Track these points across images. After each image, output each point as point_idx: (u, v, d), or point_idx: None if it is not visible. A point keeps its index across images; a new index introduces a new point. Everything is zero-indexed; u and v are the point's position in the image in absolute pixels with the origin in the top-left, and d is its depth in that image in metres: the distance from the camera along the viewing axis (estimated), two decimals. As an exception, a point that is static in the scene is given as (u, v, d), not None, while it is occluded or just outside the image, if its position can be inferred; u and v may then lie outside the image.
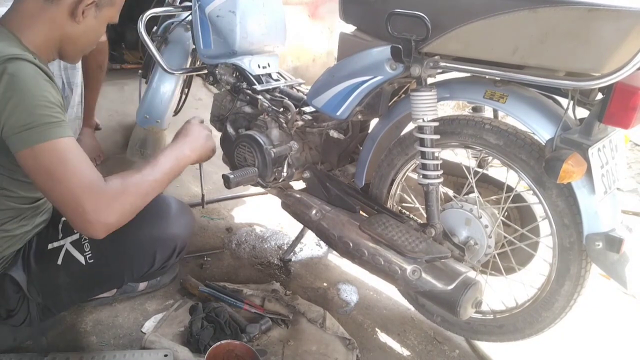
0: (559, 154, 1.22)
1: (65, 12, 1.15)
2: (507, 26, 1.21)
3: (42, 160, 1.04)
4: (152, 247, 1.35)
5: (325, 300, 1.80)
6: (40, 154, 1.04)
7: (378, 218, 1.50)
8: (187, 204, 1.50)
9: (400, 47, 1.33)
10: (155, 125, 2.39)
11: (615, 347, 1.73)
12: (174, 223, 1.39)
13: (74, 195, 1.05)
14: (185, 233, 1.42)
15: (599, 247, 1.26)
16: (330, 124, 1.70)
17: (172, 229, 1.38)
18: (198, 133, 1.38)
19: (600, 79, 1.09)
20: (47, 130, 1.04)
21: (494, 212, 1.50)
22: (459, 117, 1.46)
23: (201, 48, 1.86)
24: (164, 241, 1.37)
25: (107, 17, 1.24)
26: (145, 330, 1.52)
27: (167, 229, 1.37)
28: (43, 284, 1.30)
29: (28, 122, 1.03)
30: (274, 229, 2.21)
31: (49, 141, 1.04)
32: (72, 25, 1.18)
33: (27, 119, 1.03)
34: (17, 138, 1.04)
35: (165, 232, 1.37)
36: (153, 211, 1.25)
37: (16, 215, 1.25)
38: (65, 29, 1.18)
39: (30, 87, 1.05)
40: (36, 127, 1.04)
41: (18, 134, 1.03)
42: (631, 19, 1.07)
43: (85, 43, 1.25)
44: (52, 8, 1.14)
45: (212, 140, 1.42)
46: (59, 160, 1.05)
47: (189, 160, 1.32)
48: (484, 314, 1.57)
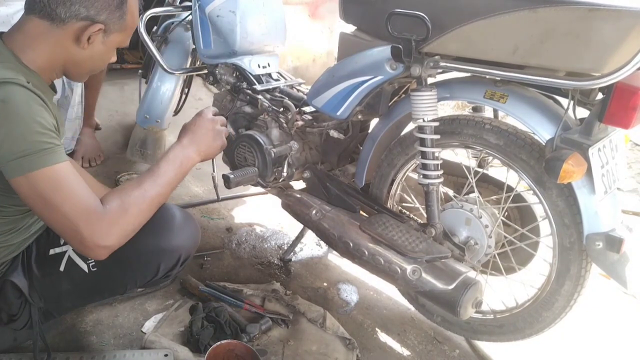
0: (559, 153, 1.22)
1: (71, 36, 1.12)
2: (507, 26, 1.21)
3: (37, 187, 1.03)
4: (157, 258, 1.34)
5: (326, 300, 1.80)
6: (35, 181, 1.03)
7: (378, 218, 1.50)
8: (190, 214, 1.48)
9: (400, 47, 1.33)
10: (155, 125, 2.39)
11: (615, 347, 1.73)
12: (179, 234, 1.38)
13: (71, 222, 1.04)
14: (189, 244, 1.42)
15: (599, 247, 1.26)
16: (331, 123, 1.70)
17: (177, 240, 1.37)
18: (206, 131, 1.35)
19: (601, 78, 1.09)
20: (41, 157, 1.03)
21: (494, 212, 1.50)
22: (459, 117, 1.46)
23: (201, 48, 1.86)
24: (168, 252, 1.36)
25: (116, 42, 1.20)
26: (146, 330, 1.52)
27: (172, 241, 1.36)
28: (45, 290, 1.30)
29: (22, 149, 1.01)
30: (274, 228, 2.21)
31: (43, 168, 1.03)
32: (77, 50, 1.15)
33: (21, 147, 1.01)
34: (11, 165, 1.02)
35: (170, 243, 1.36)
36: (157, 222, 1.24)
37: (13, 227, 1.24)
38: (70, 53, 1.15)
39: (22, 113, 1.02)
40: (30, 155, 1.02)
41: (12, 162, 1.02)
42: (631, 18, 1.07)
43: (90, 67, 1.22)
44: (57, 31, 1.11)
45: (221, 139, 1.39)
46: (54, 187, 1.04)
47: (193, 163, 1.30)
48: (484, 313, 1.57)
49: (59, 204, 1.04)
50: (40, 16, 1.10)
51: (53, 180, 1.04)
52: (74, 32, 1.12)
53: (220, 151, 1.40)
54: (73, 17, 1.10)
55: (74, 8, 1.09)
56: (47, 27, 1.11)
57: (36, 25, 1.11)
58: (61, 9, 1.09)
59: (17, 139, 1.01)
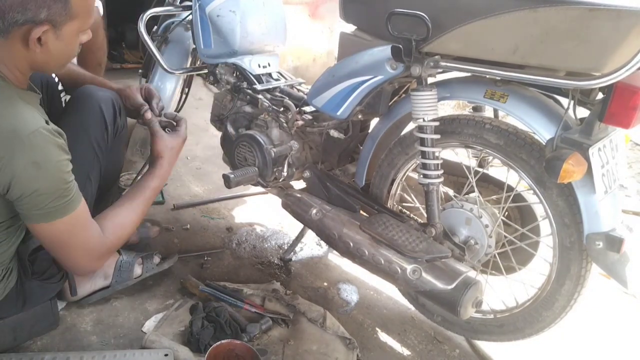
0: (559, 153, 1.22)
1: (20, 44, 1.09)
2: (507, 26, 1.21)
3: (55, 233, 1.18)
4: (96, 102, 1.45)
5: (326, 299, 1.80)
6: (54, 228, 1.16)
7: (378, 218, 1.50)
8: None
9: (400, 47, 1.33)
10: (155, 124, 2.39)
11: (615, 347, 1.73)
12: None
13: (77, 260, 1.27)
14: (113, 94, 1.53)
15: (600, 247, 1.26)
16: (331, 123, 1.70)
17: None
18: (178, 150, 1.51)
19: (601, 78, 1.09)
20: (65, 207, 1.15)
21: (494, 212, 1.50)
22: (459, 116, 1.46)
23: (201, 48, 1.86)
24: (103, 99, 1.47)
25: (74, 30, 1.14)
26: (146, 330, 1.52)
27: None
28: None
29: (46, 204, 1.12)
30: (274, 228, 2.21)
31: (65, 217, 1.16)
32: (33, 54, 1.11)
33: (48, 202, 1.12)
34: (36, 214, 1.14)
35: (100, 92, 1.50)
36: None
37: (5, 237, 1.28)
38: (28, 58, 1.12)
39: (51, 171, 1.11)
40: (55, 208, 1.14)
41: (37, 211, 1.13)
42: (631, 18, 1.07)
43: (58, 62, 1.20)
44: (7, 43, 1.08)
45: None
46: (70, 233, 1.20)
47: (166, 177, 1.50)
48: (484, 313, 1.57)
49: (72, 247, 1.23)
50: None
51: (70, 227, 1.19)
52: (20, 40, 1.08)
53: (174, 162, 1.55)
54: (13, 25, 1.06)
55: (9, 17, 1.04)
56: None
57: None
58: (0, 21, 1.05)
59: (43, 196, 1.11)
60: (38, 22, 1.06)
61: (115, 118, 1.49)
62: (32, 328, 1.41)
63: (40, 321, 1.42)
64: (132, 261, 1.65)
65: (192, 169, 2.66)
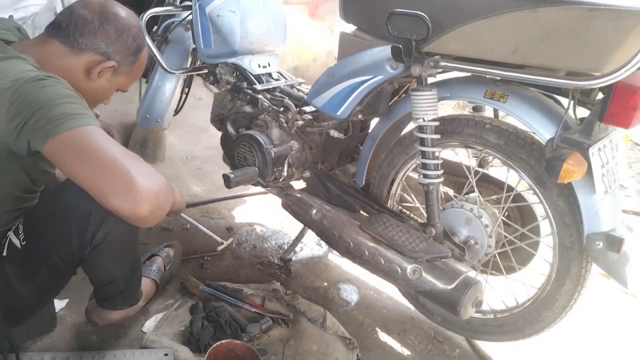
0: (559, 153, 1.22)
1: (83, 66, 1.21)
2: (507, 26, 1.21)
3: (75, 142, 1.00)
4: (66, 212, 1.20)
5: (326, 299, 1.80)
6: (79, 134, 1.00)
7: (378, 218, 1.50)
8: None
9: (400, 47, 1.33)
10: (155, 124, 2.40)
11: (616, 346, 1.73)
12: None
13: (121, 166, 0.99)
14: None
15: (600, 247, 1.26)
16: (331, 123, 1.70)
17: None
18: None
19: (601, 78, 1.09)
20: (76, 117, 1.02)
21: (494, 212, 1.50)
22: (459, 116, 1.46)
23: (201, 47, 1.86)
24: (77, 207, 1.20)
25: (120, 84, 1.29)
26: (146, 330, 1.52)
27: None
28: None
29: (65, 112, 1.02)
30: (274, 228, 2.21)
31: (79, 127, 1.01)
32: (84, 80, 1.22)
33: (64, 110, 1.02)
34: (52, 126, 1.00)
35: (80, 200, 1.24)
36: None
37: None
38: (77, 80, 1.20)
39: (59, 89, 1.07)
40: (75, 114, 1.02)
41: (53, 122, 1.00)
42: (632, 18, 1.07)
43: (89, 100, 1.20)
44: (72, 58, 1.19)
45: None
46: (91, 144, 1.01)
47: None
48: (484, 313, 1.57)
49: (108, 151, 1.00)
50: (62, 41, 1.18)
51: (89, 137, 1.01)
52: (87, 63, 1.21)
53: None
54: (92, 50, 1.20)
55: (96, 42, 1.19)
56: (64, 52, 1.19)
57: (55, 49, 1.18)
58: (84, 39, 1.18)
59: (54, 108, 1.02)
60: (111, 59, 1.23)
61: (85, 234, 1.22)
62: (29, 329, 1.40)
63: (37, 322, 1.40)
64: None
65: (192, 169, 2.66)
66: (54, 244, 1.23)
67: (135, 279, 1.46)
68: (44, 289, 1.33)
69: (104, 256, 1.29)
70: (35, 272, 1.28)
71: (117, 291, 1.40)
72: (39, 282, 1.29)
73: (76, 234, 1.21)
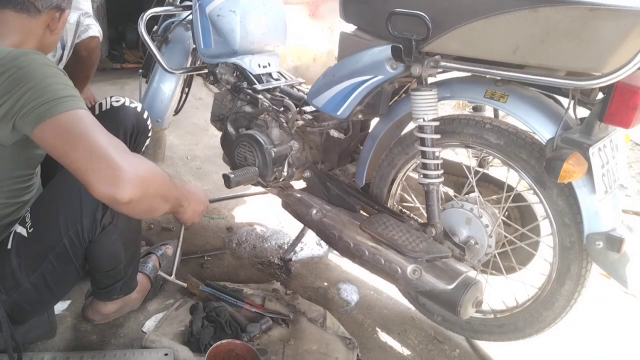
0: (559, 153, 1.22)
1: (44, 24, 1.25)
2: (507, 25, 1.21)
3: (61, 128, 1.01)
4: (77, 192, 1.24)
5: (326, 299, 1.80)
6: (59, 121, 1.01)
7: (378, 217, 1.50)
8: None
9: (400, 47, 1.33)
10: (155, 124, 2.39)
11: (616, 346, 1.73)
12: None
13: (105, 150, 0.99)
14: None
15: (600, 247, 1.26)
16: (331, 123, 1.70)
17: None
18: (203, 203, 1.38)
19: (601, 78, 1.09)
20: (73, 101, 1.04)
21: (494, 212, 1.50)
22: (459, 116, 1.46)
23: (201, 47, 1.86)
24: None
25: (64, 21, 1.33)
26: (146, 330, 1.52)
27: None
28: (1, 277, 1.25)
29: (49, 97, 1.02)
30: (274, 228, 2.21)
31: (67, 111, 1.02)
32: (48, 36, 1.28)
33: (47, 96, 1.02)
34: (41, 111, 1.01)
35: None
36: None
37: None
38: (40, 39, 1.27)
39: (42, 71, 1.06)
40: (61, 99, 1.03)
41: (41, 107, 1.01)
42: (632, 18, 1.07)
43: (53, 48, 1.35)
44: (33, 22, 1.23)
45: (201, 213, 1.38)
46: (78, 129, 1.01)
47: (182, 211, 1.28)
48: (484, 313, 1.57)
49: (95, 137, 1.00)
50: (17, 10, 1.20)
51: (76, 121, 1.02)
52: (46, 21, 1.25)
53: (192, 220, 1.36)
54: (47, 8, 1.24)
55: (50, 0, 1.23)
56: (23, 19, 1.21)
57: (11, 18, 1.21)
58: (40, 3, 1.22)
59: (41, 90, 1.03)
60: (62, 9, 1.27)
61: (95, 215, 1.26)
62: (26, 334, 1.38)
63: (34, 328, 1.39)
64: None
65: (192, 169, 2.66)
66: (64, 224, 1.25)
67: (135, 263, 1.49)
68: (50, 282, 1.32)
69: (112, 238, 1.31)
70: (42, 260, 1.28)
71: (117, 277, 1.42)
72: (45, 272, 1.29)
73: (87, 213, 1.24)
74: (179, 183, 1.27)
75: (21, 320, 1.34)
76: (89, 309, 1.52)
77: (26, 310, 1.33)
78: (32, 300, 1.32)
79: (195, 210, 1.33)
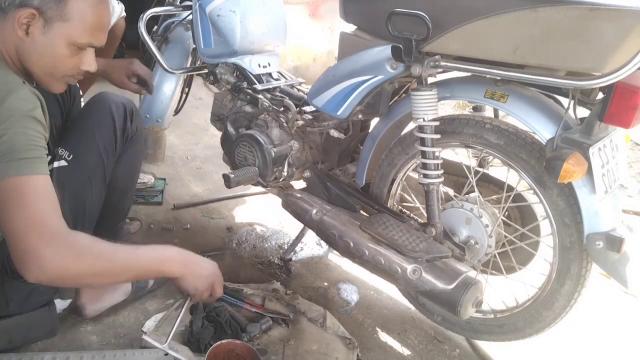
0: (559, 153, 1.22)
1: (12, 24, 1.08)
2: (507, 25, 1.21)
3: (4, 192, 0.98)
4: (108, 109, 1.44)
5: (326, 299, 1.80)
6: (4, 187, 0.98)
7: (378, 217, 1.50)
8: None
9: (400, 47, 1.33)
10: (155, 124, 2.39)
11: (616, 346, 1.73)
12: None
13: (23, 231, 0.97)
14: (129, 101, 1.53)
15: (600, 247, 1.26)
16: (331, 123, 1.70)
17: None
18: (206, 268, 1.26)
19: (601, 78, 1.09)
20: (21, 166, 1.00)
21: (494, 212, 1.50)
22: (459, 116, 1.46)
23: (202, 47, 1.86)
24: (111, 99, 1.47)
25: (63, 34, 1.11)
26: (146, 330, 1.51)
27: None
28: None
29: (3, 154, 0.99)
30: (274, 228, 2.21)
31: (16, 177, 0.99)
32: (20, 41, 1.10)
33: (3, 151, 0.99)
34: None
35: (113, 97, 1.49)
36: None
37: None
38: (16, 44, 1.10)
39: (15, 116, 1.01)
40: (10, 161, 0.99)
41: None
42: (632, 18, 1.07)
43: (42, 63, 1.14)
44: (3, 23, 1.08)
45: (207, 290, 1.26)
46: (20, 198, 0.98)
47: (171, 273, 1.18)
48: (484, 313, 1.57)
49: (21, 215, 0.97)
50: None
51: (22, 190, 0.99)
52: (12, 21, 1.08)
53: (200, 299, 1.29)
54: (11, 5, 1.07)
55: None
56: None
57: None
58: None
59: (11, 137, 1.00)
60: (30, 7, 1.06)
61: (126, 123, 1.47)
62: (28, 333, 1.38)
63: (36, 327, 1.40)
64: None
65: (192, 169, 2.66)
66: (101, 141, 1.38)
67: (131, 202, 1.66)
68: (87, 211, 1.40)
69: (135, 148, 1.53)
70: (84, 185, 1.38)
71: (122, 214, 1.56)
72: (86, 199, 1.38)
73: (118, 118, 1.43)
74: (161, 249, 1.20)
75: None
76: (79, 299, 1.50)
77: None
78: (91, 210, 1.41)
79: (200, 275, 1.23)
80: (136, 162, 1.60)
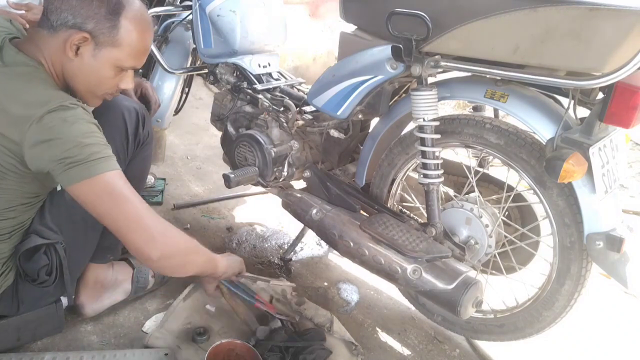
0: (559, 153, 1.22)
1: (61, 45, 1.13)
2: (507, 25, 1.21)
3: (105, 188, 1.11)
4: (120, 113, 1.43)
5: (326, 299, 1.80)
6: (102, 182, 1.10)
7: (379, 217, 1.50)
8: None
9: (400, 47, 1.33)
10: (155, 124, 2.38)
11: (616, 346, 1.73)
12: None
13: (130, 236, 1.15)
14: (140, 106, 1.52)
15: (600, 247, 1.26)
16: (331, 123, 1.70)
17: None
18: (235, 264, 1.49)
19: (601, 78, 1.09)
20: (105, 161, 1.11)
21: (494, 212, 1.50)
22: (459, 116, 1.46)
23: (202, 47, 1.86)
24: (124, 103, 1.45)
25: (111, 58, 1.16)
26: (146, 330, 1.52)
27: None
28: (55, 216, 1.32)
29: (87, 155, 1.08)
30: (274, 228, 2.21)
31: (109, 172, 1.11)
32: (67, 61, 1.15)
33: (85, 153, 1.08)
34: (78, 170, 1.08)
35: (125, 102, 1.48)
36: None
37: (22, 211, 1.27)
38: (62, 63, 1.16)
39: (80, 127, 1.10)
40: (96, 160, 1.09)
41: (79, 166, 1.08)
42: (632, 18, 1.07)
43: (87, 82, 1.19)
44: (52, 40, 1.13)
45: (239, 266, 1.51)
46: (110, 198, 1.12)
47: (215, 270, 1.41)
48: (484, 313, 1.57)
49: (130, 200, 1.14)
50: (42, 26, 1.14)
51: (120, 181, 1.13)
52: (63, 41, 1.12)
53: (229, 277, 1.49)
54: (63, 25, 1.11)
55: (63, 15, 1.11)
56: (46, 37, 1.14)
57: (40, 37, 1.14)
58: (53, 16, 1.11)
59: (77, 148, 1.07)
60: (84, 31, 1.12)
61: (138, 128, 1.45)
62: (36, 330, 1.40)
63: (44, 323, 1.41)
64: (146, 272, 1.65)
65: (192, 169, 2.66)
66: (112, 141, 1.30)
67: None
68: None
69: (146, 153, 1.51)
70: None
71: None
72: None
73: (130, 123, 1.42)
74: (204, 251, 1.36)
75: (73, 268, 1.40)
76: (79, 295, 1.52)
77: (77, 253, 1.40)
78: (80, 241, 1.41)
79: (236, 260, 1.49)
80: (146, 167, 1.58)
